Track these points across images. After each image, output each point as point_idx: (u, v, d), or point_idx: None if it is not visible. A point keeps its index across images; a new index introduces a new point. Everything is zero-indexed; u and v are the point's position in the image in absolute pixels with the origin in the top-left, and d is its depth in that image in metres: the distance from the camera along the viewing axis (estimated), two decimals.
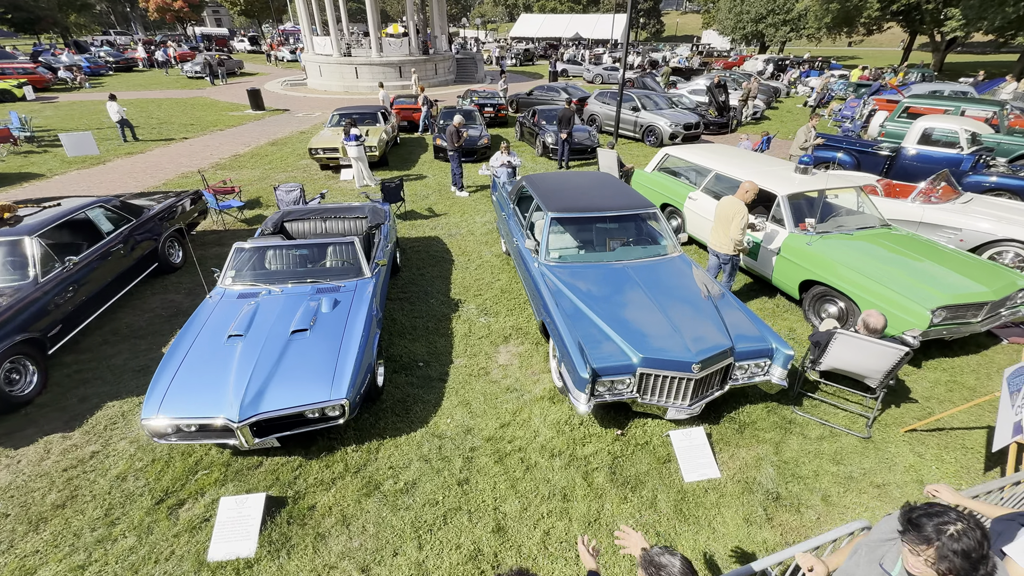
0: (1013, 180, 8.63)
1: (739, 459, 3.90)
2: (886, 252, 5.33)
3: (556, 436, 4.08)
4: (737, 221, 5.18)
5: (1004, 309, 5.03)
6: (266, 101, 22.67)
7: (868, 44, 66.47)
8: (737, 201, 5.30)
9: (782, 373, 4.04)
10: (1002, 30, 26.18)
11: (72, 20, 59.76)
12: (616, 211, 5.43)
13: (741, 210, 5.20)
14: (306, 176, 11.64)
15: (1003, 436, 3.16)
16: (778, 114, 20.47)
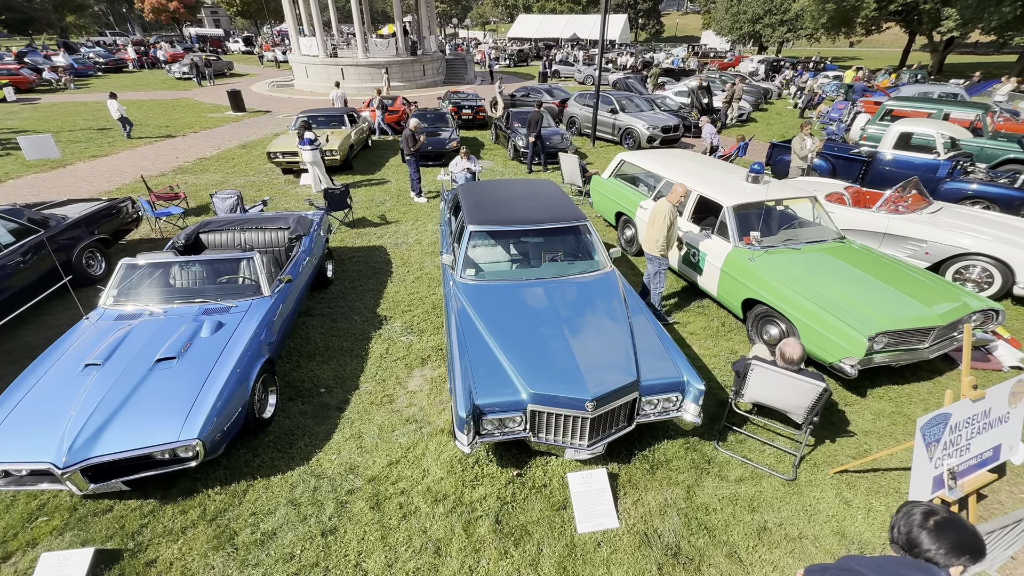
0: (991, 188, 8.19)
1: (644, 505, 3.51)
2: (833, 270, 4.93)
3: (446, 476, 3.70)
4: (659, 221, 4.86)
5: (957, 333, 4.62)
6: (251, 103, 22.42)
7: (870, 45, 65.85)
8: (665, 203, 4.99)
9: (695, 410, 3.65)
10: (1000, 30, 25.63)
11: (70, 21, 59.92)
12: (542, 224, 5.04)
13: (664, 210, 4.90)
14: (267, 181, 11.31)
15: (920, 492, 2.76)
16: (766, 116, 20.01)
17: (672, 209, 5.05)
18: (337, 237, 8.09)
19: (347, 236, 8.17)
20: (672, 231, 5.14)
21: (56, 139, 15.13)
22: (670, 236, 5.14)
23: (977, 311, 4.54)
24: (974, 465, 2.97)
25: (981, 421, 2.91)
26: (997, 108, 13.80)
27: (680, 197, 5.04)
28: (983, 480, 2.99)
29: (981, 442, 2.96)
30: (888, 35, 46.11)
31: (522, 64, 42.46)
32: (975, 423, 2.89)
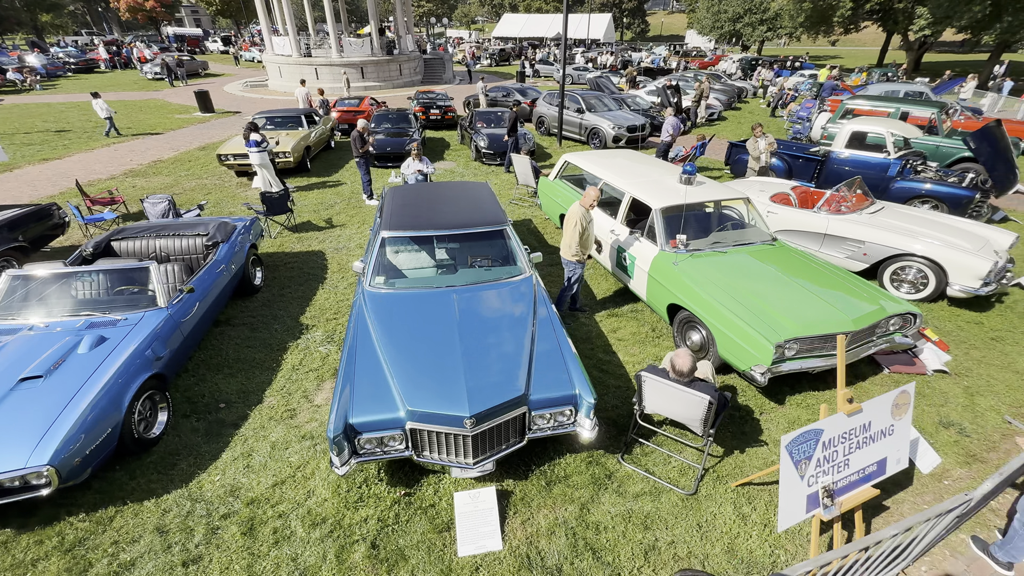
0: (939, 187, 8.16)
1: (534, 525, 3.36)
2: (755, 273, 4.82)
3: (331, 497, 3.52)
4: (571, 226, 4.74)
5: (876, 337, 4.53)
6: (221, 103, 22.04)
7: (851, 44, 66.48)
8: (577, 207, 4.88)
9: (589, 424, 3.50)
10: (971, 29, 25.90)
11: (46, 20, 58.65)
12: (459, 229, 4.88)
13: (575, 215, 4.80)
14: (219, 184, 11.02)
15: (793, 513, 2.64)
16: (738, 115, 20.02)
17: (584, 213, 4.93)
18: (276, 242, 7.87)
19: (287, 241, 7.94)
20: (586, 235, 5.01)
21: (9, 142, 14.76)
22: (583, 240, 5.01)
23: (895, 315, 4.45)
24: (856, 481, 2.85)
25: (860, 435, 2.80)
26: (958, 107, 13.88)
27: (592, 201, 4.92)
28: (866, 496, 2.87)
29: (862, 457, 2.84)
30: (868, 34, 46.57)
31: (504, 63, 42.29)
32: (853, 438, 2.77)
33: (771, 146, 9.17)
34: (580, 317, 5.83)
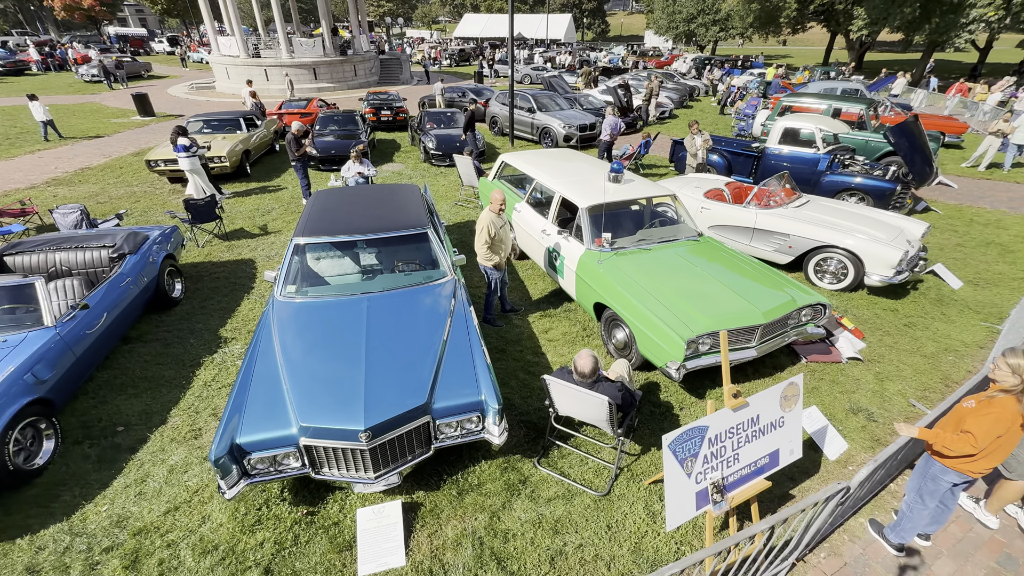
0: (864, 180, 8.49)
1: (441, 537, 3.26)
2: (676, 270, 4.86)
3: (228, 521, 3.33)
4: (480, 231, 4.73)
5: (789, 328, 4.64)
6: (164, 106, 21.07)
7: (800, 43, 69.16)
8: (487, 212, 4.83)
9: (497, 430, 3.43)
10: (904, 30, 27.30)
11: None
12: (378, 233, 4.73)
13: (484, 220, 4.77)
14: (151, 191, 10.47)
15: (682, 511, 2.63)
16: (689, 113, 20.47)
17: (493, 218, 4.86)
18: (204, 251, 7.50)
19: (216, 249, 7.59)
20: (497, 240, 4.95)
21: None
22: (494, 245, 4.95)
23: (805, 306, 4.56)
24: (748, 475, 2.88)
25: (749, 429, 2.82)
26: (888, 103, 14.57)
27: (498, 205, 4.86)
28: (758, 488, 2.90)
29: (753, 450, 2.86)
30: (817, 34, 48.52)
31: (464, 63, 42.05)
32: (741, 432, 2.78)
33: (706, 143, 9.36)
34: (513, 319, 5.78)
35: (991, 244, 7.89)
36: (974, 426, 2.60)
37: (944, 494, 3.04)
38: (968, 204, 9.85)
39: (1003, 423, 2.55)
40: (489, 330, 5.53)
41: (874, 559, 3.21)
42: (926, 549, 3.27)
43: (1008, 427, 2.55)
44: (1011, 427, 2.55)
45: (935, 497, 2.93)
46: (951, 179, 11.32)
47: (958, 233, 8.35)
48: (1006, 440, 2.61)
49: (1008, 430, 2.56)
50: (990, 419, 2.57)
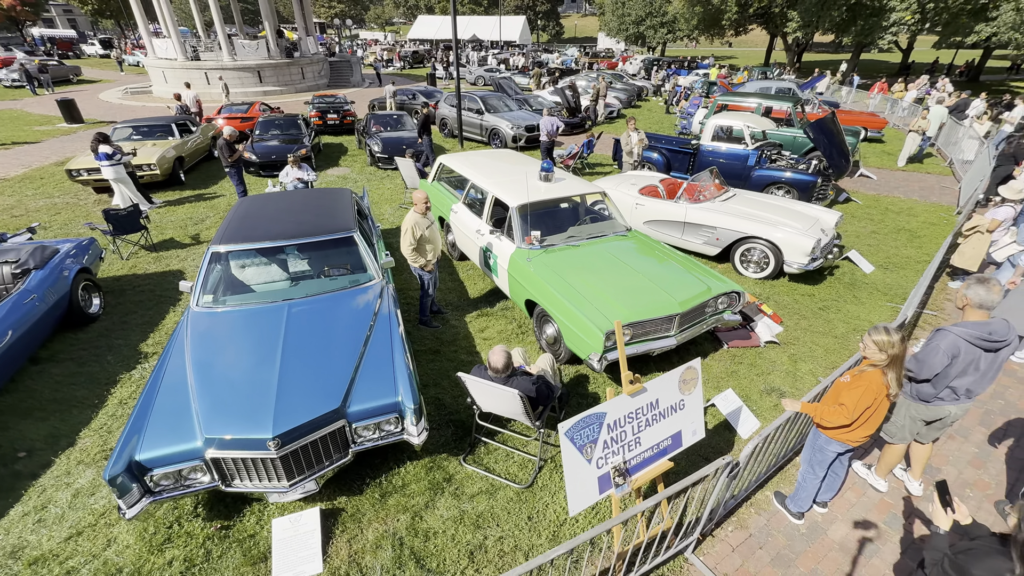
0: (788, 174, 8.97)
1: (361, 541, 3.24)
2: (601, 265, 5.00)
3: (136, 542, 3.20)
4: (405, 232, 4.77)
5: (707, 315, 4.86)
6: (94, 112, 19.91)
7: (745, 45, 72.21)
8: (412, 213, 4.86)
9: (415, 430, 3.44)
10: (835, 32, 29.01)
11: None
12: (300, 238, 4.64)
13: (409, 221, 4.80)
14: (73, 202, 9.86)
15: (585, 496, 2.72)
16: (637, 112, 21.04)
17: (418, 219, 4.88)
18: (129, 263, 7.15)
19: (143, 261, 7.24)
20: (424, 241, 4.98)
21: None
22: (420, 246, 4.98)
23: (721, 294, 4.80)
24: (651, 457, 3.00)
25: (649, 413, 2.95)
26: (816, 100, 15.45)
27: (423, 206, 4.88)
28: (661, 469, 3.04)
29: (655, 433, 2.99)
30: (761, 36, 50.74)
31: (418, 65, 41.73)
32: (641, 416, 2.91)
33: (642, 141, 9.67)
34: (450, 319, 5.80)
35: (901, 231, 8.51)
36: (847, 398, 2.82)
37: (834, 464, 3.28)
38: (885, 194, 10.58)
39: (870, 394, 2.78)
40: (425, 331, 5.53)
41: (777, 528, 3.42)
42: (823, 515, 3.50)
43: (875, 398, 2.78)
44: (878, 398, 2.78)
45: (823, 466, 3.15)
46: (872, 171, 12.13)
47: (874, 221, 8.96)
48: (876, 410, 2.83)
49: (875, 401, 2.78)
50: (859, 391, 2.79)
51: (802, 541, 3.33)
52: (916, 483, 3.64)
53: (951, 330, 2.95)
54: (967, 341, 2.92)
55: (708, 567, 3.14)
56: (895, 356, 2.69)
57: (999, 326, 2.92)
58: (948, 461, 3.98)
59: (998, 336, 2.90)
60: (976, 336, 2.90)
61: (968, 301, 2.97)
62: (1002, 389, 4.80)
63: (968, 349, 2.94)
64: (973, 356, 2.95)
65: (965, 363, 2.97)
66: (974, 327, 2.91)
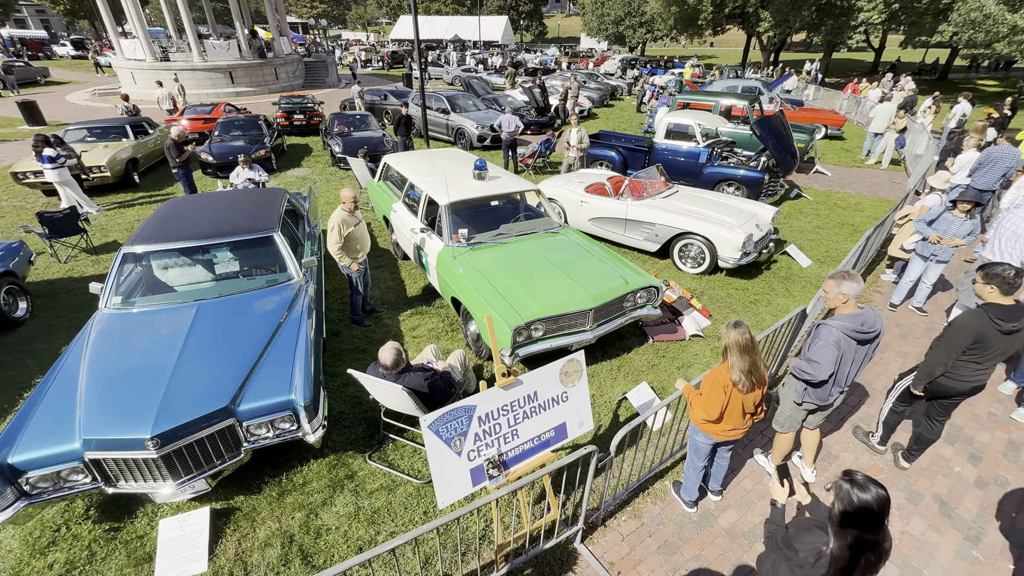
0: (736, 171, 9.10)
1: (251, 539, 3.24)
2: (523, 262, 5.03)
3: (19, 547, 3.17)
4: (331, 230, 4.77)
5: (627, 309, 4.92)
6: (59, 114, 19.57)
7: (726, 44, 73.01)
8: (338, 211, 4.87)
9: (310, 428, 3.45)
10: (805, 30, 29.48)
11: None
12: (215, 239, 4.62)
13: (335, 218, 4.81)
14: (20, 206, 9.68)
15: (456, 488, 2.75)
16: (610, 112, 21.18)
17: (344, 216, 4.89)
18: (67, 267, 7.04)
19: (81, 264, 7.14)
20: (351, 239, 4.99)
21: None
22: (348, 244, 4.98)
23: (639, 288, 4.86)
24: (531, 449, 3.04)
25: (527, 406, 2.98)
26: (780, 98, 15.68)
27: (350, 204, 4.89)
28: (544, 460, 3.08)
29: (534, 425, 3.03)
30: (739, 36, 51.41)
31: (398, 66, 41.54)
32: (517, 409, 2.94)
33: (583, 140, 9.83)
34: (383, 318, 5.80)
35: (845, 225, 8.68)
36: (703, 389, 2.90)
37: (718, 454, 3.35)
38: (837, 190, 10.78)
39: (717, 388, 2.86)
40: (356, 330, 5.53)
41: (669, 517, 3.48)
42: (716, 503, 3.57)
43: (721, 393, 2.85)
44: (725, 393, 2.86)
45: (700, 455, 3.22)
46: (828, 167, 12.34)
47: (820, 216, 9.13)
48: (730, 406, 2.91)
49: (724, 396, 2.86)
50: (708, 384, 2.88)
51: (691, 528, 3.39)
52: (809, 470, 3.73)
53: (831, 323, 3.02)
54: (845, 334, 2.99)
55: (595, 556, 3.20)
56: (731, 345, 2.78)
57: (870, 316, 3.00)
58: (847, 448, 4.08)
59: (869, 327, 2.98)
60: (852, 328, 2.98)
61: (847, 297, 3.03)
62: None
63: (846, 341, 3.02)
64: (850, 348, 3.03)
65: (845, 355, 3.05)
66: (849, 319, 2.99)
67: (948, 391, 3.38)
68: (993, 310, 3.08)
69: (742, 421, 3.00)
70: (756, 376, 2.84)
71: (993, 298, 3.12)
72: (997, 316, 3.05)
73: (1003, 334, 3.07)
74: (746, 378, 2.81)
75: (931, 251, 5.53)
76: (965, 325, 3.14)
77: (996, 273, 3.08)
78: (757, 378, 2.85)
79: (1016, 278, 3.03)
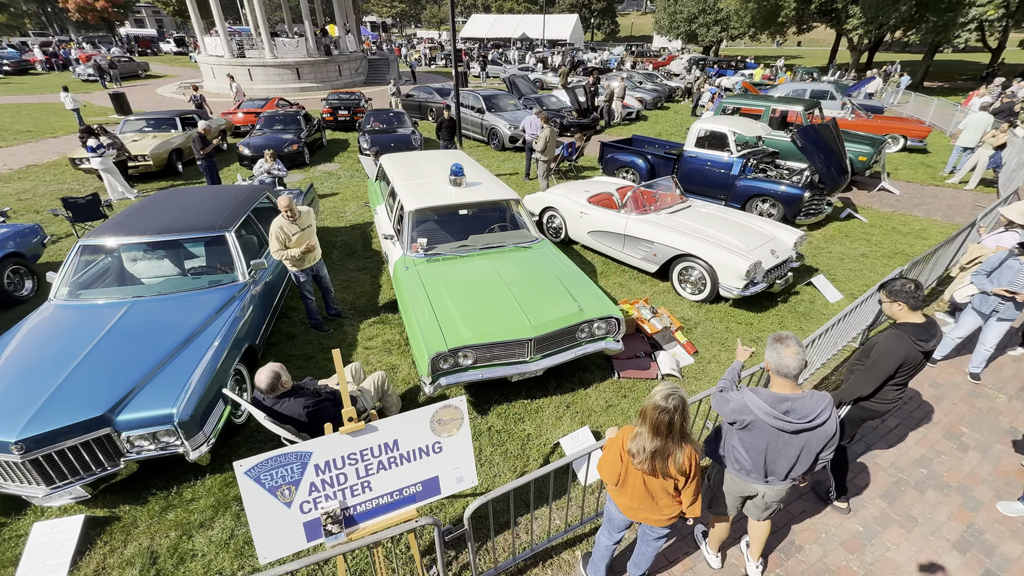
0: (771, 185, 8.09)
1: (117, 556, 3.12)
2: (476, 280, 4.62)
3: None
4: (270, 239, 4.60)
5: (583, 340, 4.36)
6: (149, 105, 21.55)
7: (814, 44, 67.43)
8: (278, 217, 4.68)
9: (191, 445, 3.28)
10: (901, 28, 26.29)
11: (2, 21, 57.42)
12: (164, 236, 4.61)
13: (273, 226, 4.62)
14: (79, 189, 10.55)
15: (283, 543, 2.42)
16: (662, 115, 19.99)
17: (283, 223, 4.68)
18: None
19: None
20: (296, 243, 4.79)
21: None
22: (291, 248, 4.80)
23: (598, 319, 4.29)
24: (388, 504, 2.65)
25: (384, 455, 2.60)
26: (852, 104, 13.95)
27: (285, 208, 4.67)
28: (402, 518, 2.68)
29: (394, 478, 2.64)
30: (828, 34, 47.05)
31: (459, 65, 42.02)
32: (370, 459, 2.57)
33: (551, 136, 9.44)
34: (345, 324, 5.62)
35: (898, 254, 7.42)
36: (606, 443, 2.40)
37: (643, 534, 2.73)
38: (901, 211, 9.32)
39: (614, 449, 2.34)
40: (313, 335, 5.38)
41: None
42: None
43: (618, 459, 2.32)
44: (621, 460, 2.32)
45: (614, 527, 2.65)
46: (897, 185, 10.75)
47: (870, 242, 7.89)
48: (629, 479, 2.35)
49: (619, 462, 2.32)
50: (609, 441, 2.36)
51: None
52: (753, 564, 3.04)
53: (745, 392, 2.40)
54: (762, 415, 2.34)
55: None
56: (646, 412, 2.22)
57: (807, 404, 2.30)
58: (818, 539, 3.31)
59: (799, 416, 2.29)
60: (766, 411, 2.32)
61: (768, 368, 2.40)
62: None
63: (762, 424, 2.36)
64: (770, 432, 2.37)
65: (760, 437, 2.39)
66: (769, 397, 2.34)
67: (873, 415, 3.13)
68: (911, 330, 2.82)
69: (651, 504, 2.40)
70: (661, 466, 2.24)
71: (904, 316, 2.88)
72: (917, 338, 2.79)
73: (924, 355, 2.82)
74: (648, 460, 2.24)
75: (992, 306, 4.47)
76: (890, 352, 2.84)
77: (899, 289, 2.87)
78: (662, 469, 2.25)
79: (918, 290, 2.83)
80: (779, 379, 2.34)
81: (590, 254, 7.38)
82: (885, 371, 2.85)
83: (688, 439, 2.27)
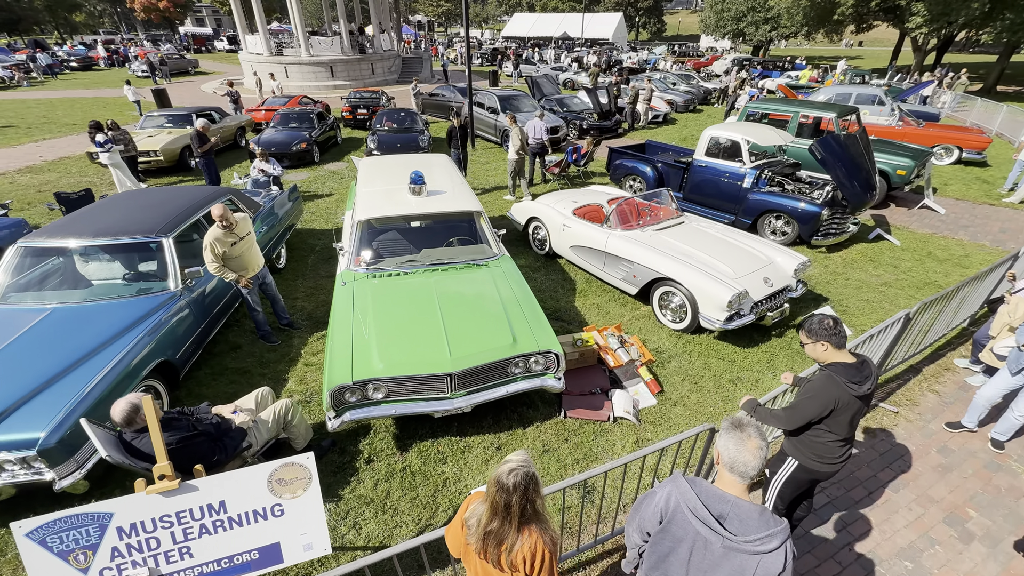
0: (784, 201, 7.30)
1: None
2: (409, 302, 4.18)
3: None
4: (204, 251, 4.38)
5: (516, 377, 3.89)
6: (189, 101, 22.53)
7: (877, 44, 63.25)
8: (213, 228, 4.43)
9: (51, 473, 3.05)
10: (972, 28, 23.96)
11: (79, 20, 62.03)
12: (102, 239, 4.48)
13: (207, 237, 4.39)
14: (97, 182, 11.00)
15: None
16: (695, 118, 18.95)
17: (218, 235, 4.40)
18: None
19: None
20: (229, 258, 4.52)
21: None
22: (231, 262, 4.54)
23: (532, 353, 3.81)
24: (214, 572, 2.31)
25: (208, 518, 2.26)
26: (899, 110, 12.64)
27: (219, 218, 4.40)
28: None
29: (222, 544, 2.29)
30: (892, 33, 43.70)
31: (494, 63, 41.81)
32: (190, 521, 2.23)
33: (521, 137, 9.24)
34: (294, 336, 5.38)
35: (928, 284, 6.48)
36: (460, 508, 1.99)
37: None
38: (943, 234, 8.24)
39: (458, 518, 1.91)
40: (258, 347, 5.16)
41: None
42: None
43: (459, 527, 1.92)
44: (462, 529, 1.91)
45: None
46: (943, 203, 9.57)
47: (898, 268, 6.95)
48: (467, 556, 1.92)
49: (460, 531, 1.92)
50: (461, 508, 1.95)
51: None
52: None
53: (677, 481, 1.86)
54: (686, 510, 1.80)
55: None
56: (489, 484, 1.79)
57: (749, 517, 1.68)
58: None
59: (734, 528, 1.69)
60: (693, 505, 1.76)
61: (718, 459, 1.86)
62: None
63: (684, 522, 1.82)
64: (694, 537, 1.81)
65: (680, 543, 1.84)
66: (706, 492, 1.80)
67: (818, 476, 2.70)
68: (841, 371, 2.45)
69: None
70: (493, 553, 1.80)
71: (831, 356, 2.52)
72: (849, 379, 2.42)
73: (858, 398, 2.45)
74: (479, 540, 1.80)
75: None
76: (818, 393, 2.49)
77: (817, 328, 2.51)
78: (493, 557, 1.81)
79: (837, 325, 2.50)
80: (728, 476, 1.79)
81: (574, 270, 6.85)
82: (807, 414, 2.54)
83: (539, 525, 1.81)
